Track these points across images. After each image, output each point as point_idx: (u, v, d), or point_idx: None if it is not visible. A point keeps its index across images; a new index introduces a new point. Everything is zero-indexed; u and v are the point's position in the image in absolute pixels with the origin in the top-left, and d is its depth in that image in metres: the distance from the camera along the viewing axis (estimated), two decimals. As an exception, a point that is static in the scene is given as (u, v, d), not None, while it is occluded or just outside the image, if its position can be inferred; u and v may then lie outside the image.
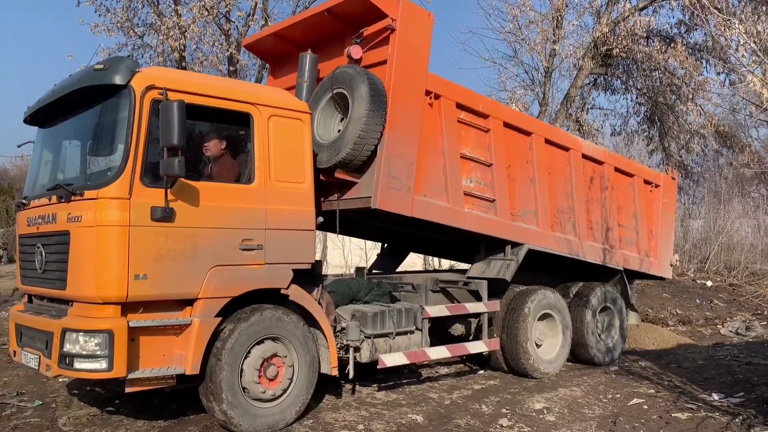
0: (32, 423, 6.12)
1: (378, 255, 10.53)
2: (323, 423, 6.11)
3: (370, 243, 22.34)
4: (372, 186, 6.49)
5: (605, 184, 9.39)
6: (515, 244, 8.01)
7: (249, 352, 5.69)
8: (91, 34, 13.88)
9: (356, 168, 6.62)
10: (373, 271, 10.22)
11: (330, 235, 22.17)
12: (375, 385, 7.54)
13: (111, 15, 14.19)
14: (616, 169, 9.64)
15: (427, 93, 7.03)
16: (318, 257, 6.62)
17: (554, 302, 8.40)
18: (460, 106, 7.42)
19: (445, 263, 22.39)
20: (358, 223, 7.76)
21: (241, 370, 5.64)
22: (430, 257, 23.21)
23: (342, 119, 6.86)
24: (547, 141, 8.53)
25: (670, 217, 10.83)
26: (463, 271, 8.75)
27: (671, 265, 10.74)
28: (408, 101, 6.78)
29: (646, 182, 10.27)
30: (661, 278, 10.79)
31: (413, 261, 23.52)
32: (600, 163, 9.37)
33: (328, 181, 6.78)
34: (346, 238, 22.32)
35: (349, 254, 22.08)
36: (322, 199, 6.97)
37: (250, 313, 5.71)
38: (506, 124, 7.98)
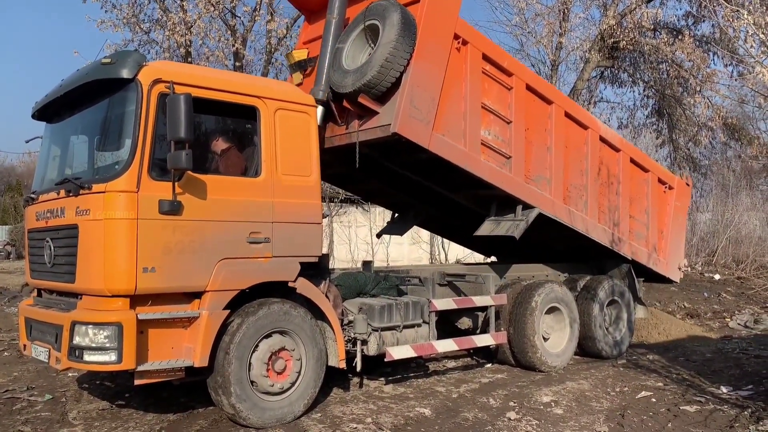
0: (43, 417, 6.16)
1: (388, 222, 10.52)
2: (332, 416, 6.13)
3: (376, 238, 22.42)
4: (393, 114, 6.51)
5: (620, 172, 9.32)
6: (526, 207, 7.95)
7: (257, 345, 5.70)
8: (97, 30, 13.93)
9: (379, 96, 6.61)
10: (383, 236, 10.30)
11: (337, 229, 22.25)
12: (383, 379, 7.55)
13: (117, 11, 14.21)
14: (632, 161, 9.56)
15: (456, 37, 7.05)
16: (325, 251, 6.63)
17: (561, 295, 8.37)
18: (486, 58, 7.44)
19: (452, 256, 22.47)
20: (373, 165, 7.79)
21: (250, 363, 5.65)
22: (436, 253, 23.30)
23: (371, 54, 6.87)
24: (567, 114, 8.49)
25: (682, 221, 10.70)
26: (470, 266, 8.74)
27: (680, 269, 10.63)
28: (437, 38, 6.82)
29: (661, 182, 10.16)
30: (669, 281, 10.64)
31: (419, 256, 23.62)
32: (617, 150, 9.30)
33: (348, 110, 6.84)
34: (353, 232, 22.46)
35: (355, 249, 22.15)
36: (344, 129, 7.00)
37: (257, 306, 5.72)
38: (528, 87, 7.97)
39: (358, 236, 22.71)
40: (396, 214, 10.32)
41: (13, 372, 7.99)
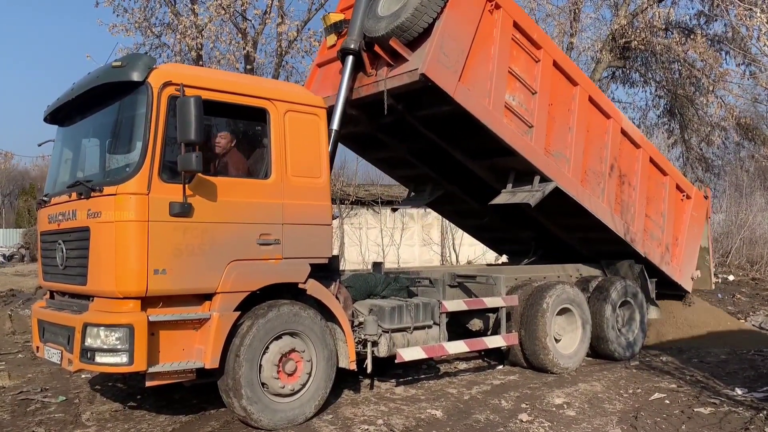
0: (56, 418, 6.20)
1: (406, 197, 10.60)
2: (343, 418, 6.12)
3: (387, 239, 22.42)
4: (422, 59, 6.63)
5: (638, 169, 9.24)
6: (544, 180, 7.92)
7: (267, 347, 5.70)
8: (109, 34, 13.99)
9: (410, 42, 6.77)
10: (400, 207, 10.56)
11: (347, 231, 22.27)
12: (393, 381, 7.53)
13: (129, 15, 14.28)
14: (651, 160, 9.48)
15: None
16: (335, 253, 6.66)
17: (573, 296, 8.31)
18: (516, 26, 7.54)
19: (463, 258, 22.41)
20: (396, 126, 8.04)
21: (260, 365, 5.65)
22: (448, 254, 23.24)
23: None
24: (591, 99, 8.47)
25: (698, 232, 10.56)
26: (481, 267, 8.70)
27: (692, 279, 10.50)
28: None
29: (679, 189, 10.07)
30: (680, 289, 10.48)
31: (430, 257, 23.58)
32: (637, 146, 9.23)
33: (379, 58, 7.03)
34: (364, 234, 22.46)
35: (366, 250, 22.15)
36: (373, 79, 7.18)
37: (267, 309, 5.72)
38: (556, 64, 8.00)
39: (369, 238, 22.72)
40: (413, 193, 10.34)
41: (28, 374, 8.05)
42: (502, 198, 8.14)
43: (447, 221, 22.86)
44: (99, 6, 14.17)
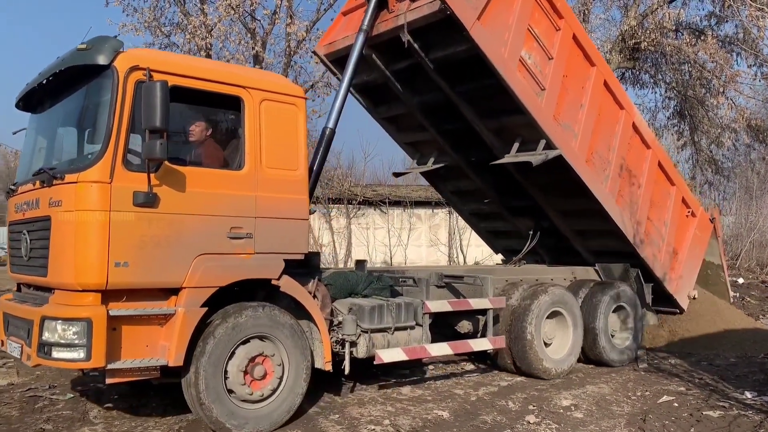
0: (64, 415, 6.07)
1: (410, 165, 10.47)
2: (350, 417, 6.01)
3: (394, 239, 22.24)
4: None
5: (646, 170, 8.92)
6: (549, 147, 7.74)
7: (233, 353, 5.43)
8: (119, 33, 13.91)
9: None
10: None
11: (355, 231, 22.10)
12: (392, 380, 7.43)
13: (138, 15, 14.24)
14: (660, 165, 9.14)
15: None
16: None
17: (561, 297, 7.99)
18: None
19: (470, 259, 22.13)
20: (408, 74, 8.20)
21: (226, 371, 5.39)
22: (455, 255, 23.00)
23: None
24: (606, 84, 8.29)
25: (699, 253, 10.15)
26: (471, 267, 8.43)
27: (689, 297, 10.08)
28: None
29: (685, 203, 9.69)
30: (676, 306, 9.95)
31: (437, 258, 23.35)
32: (647, 146, 8.93)
33: None
34: (371, 234, 22.28)
35: (373, 251, 21.98)
36: (394, 10, 7.37)
37: (232, 312, 5.44)
38: (575, 38, 7.91)
39: (377, 238, 22.59)
40: (416, 163, 10.19)
41: (36, 370, 7.84)
42: (506, 159, 8.10)
43: (454, 222, 22.76)
44: (109, 5, 14.15)
